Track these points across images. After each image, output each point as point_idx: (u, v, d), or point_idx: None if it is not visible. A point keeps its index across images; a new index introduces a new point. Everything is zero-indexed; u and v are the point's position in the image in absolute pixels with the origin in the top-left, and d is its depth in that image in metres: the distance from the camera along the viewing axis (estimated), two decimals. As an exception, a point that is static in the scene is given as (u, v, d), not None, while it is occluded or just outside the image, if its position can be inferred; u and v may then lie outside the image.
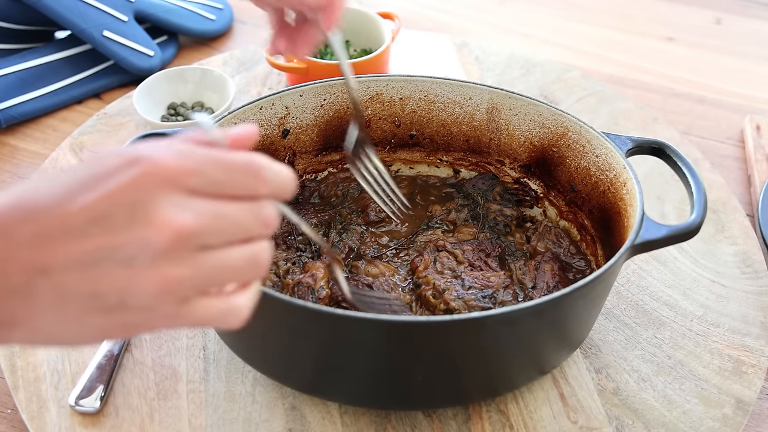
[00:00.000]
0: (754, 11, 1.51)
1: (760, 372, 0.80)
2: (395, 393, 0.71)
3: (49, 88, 1.14)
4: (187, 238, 0.44)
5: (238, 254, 0.46)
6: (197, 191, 0.45)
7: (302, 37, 0.73)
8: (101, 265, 0.43)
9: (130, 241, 0.43)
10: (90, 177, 0.44)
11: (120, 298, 0.44)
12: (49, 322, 0.44)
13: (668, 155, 0.80)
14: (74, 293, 0.43)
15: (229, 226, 0.46)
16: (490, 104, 0.90)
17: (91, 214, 0.43)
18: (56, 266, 0.43)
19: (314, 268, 0.78)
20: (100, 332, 0.45)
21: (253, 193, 0.47)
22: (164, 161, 0.44)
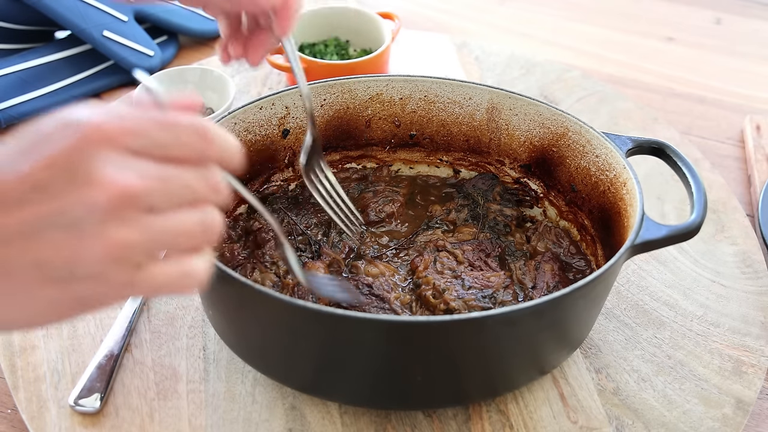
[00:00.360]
0: (754, 11, 1.51)
1: (760, 372, 0.80)
2: (395, 393, 0.71)
3: (49, 88, 1.14)
4: (132, 198, 0.42)
5: (189, 218, 0.45)
6: (140, 152, 0.43)
7: (255, 42, 0.71)
8: (44, 233, 0.41)
9: (73, 204, 0.41)
10: (27, 145, 0.42)
11: (68, 267, 0.42)
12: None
13: (668, 155, 0.80)
14: (19, 264, 0.42)
15: (177, 188, 0.44)
16: (490, 104, 0.90)
17: (30, 181, 0.41)
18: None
19: (314, 268, 0.78)
20: (53, 309, 0.43)
21: (200, 156, 0.46)
22: (103, 123, 0.42)
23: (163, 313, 0.82)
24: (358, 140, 0.94)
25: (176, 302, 0.83)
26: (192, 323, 0.81)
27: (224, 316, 0.72)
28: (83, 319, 0.81)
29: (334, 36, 1.23)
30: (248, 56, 0.70)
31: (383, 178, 0.95)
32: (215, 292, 0.71)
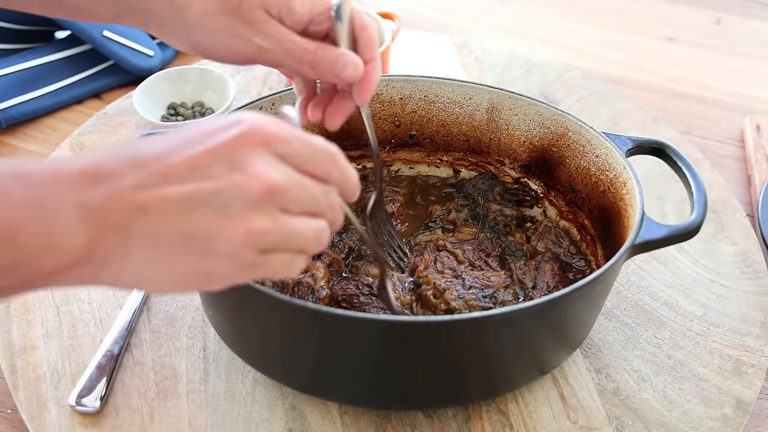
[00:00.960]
0: (754, 11, 1.51)
1: (760, 372, 0.80)
2: (395, 393, 0.71)
3: (49, 88, 1.14)
4: (275, 194, 0.49)
5: (309, 225, 0.52)
6: (285, 158, 0.51)
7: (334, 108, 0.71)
8: (197, 210, 0.48)
9: (228, 188, 0.48)
10: (196, 134, 0.50)
11: (210, 242, 0.48)
12: (139, 261, 0.48)
13: (668, 155, 0.80)
14: (168, 233, 0.48)
15: (307, 196, 0.52)
16: (490, 104, 0.90)
17: (193, 163, 0.48)
18: (154, 207, 0.47)
19: (314, 268, 0.78)
20: (185, 278, 0.49)
21: (327, 175, 0.53)
22: (263, 125, 0.50)
23: (163, 313, 0.82)
24: (358, 140, 0.94)
25: (176, 302, 0.83)
26: (192, 323, 0.81)
27: (224, 316, 0.72)
28: (83, 319, 0.81)
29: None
30: (327, 122, 0.71)
31: (383, 178, 0.95)
32: (215, 292, 0.71)
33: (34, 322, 0.81)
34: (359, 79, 0.67)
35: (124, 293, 0.84)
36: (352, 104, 0.70)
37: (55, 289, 0.84)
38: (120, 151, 0.49)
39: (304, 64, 0.66)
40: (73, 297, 0.84)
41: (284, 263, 0.53)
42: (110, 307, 0.83)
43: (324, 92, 0.72)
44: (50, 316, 0.81)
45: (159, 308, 0.83)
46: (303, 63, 0.66)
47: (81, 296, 0.84)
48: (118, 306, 0.83)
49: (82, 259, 0.47)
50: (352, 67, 0.65)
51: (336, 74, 0.66)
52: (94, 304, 0.83)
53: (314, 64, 0.66)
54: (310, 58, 0.66)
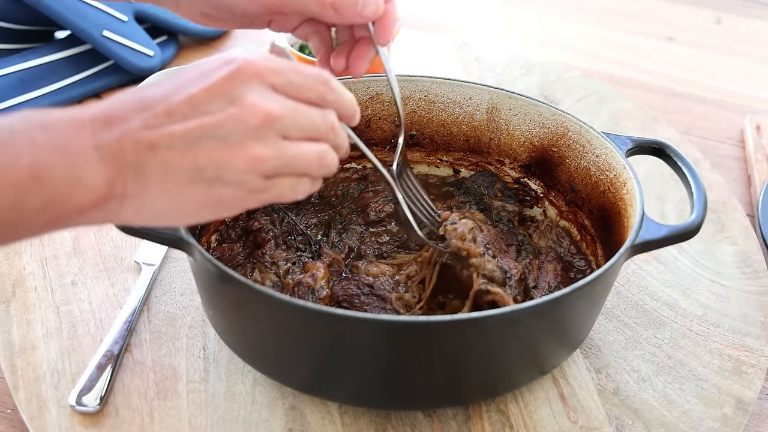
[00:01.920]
0: (755, 11, 1.51)
1: (760, 372, 0.80)
2: (395, 393, 0.71)
3: (49, 88, 1.14)
4: (272, 122, 0.52)
5: (311, 149, 0.55)
6: (278, 88, 0.54)
7: (357, 54, 0.74)
8: (201, 143, 0.51)
9: (227, 120, 0.51)
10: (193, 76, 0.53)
11: (216, 171, 0.52)
12: (154, 194, 0.52)
13: (668, 155, 0.80)
14: (177, 167, 0.51)
15: (304, 121, 0.55)
16: (490, 104, 0.90)
17: (194, 101, 0.52)
18: (162, 143, 0.51)
19: (314, 268, 0.78)
20: (198, 206, 0.53)
21: (322, 99, 0.56)
22: (254, 60, 0.53)
23: (163, 313, 0.82)
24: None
25: (176, 302, 0.83)
26: (192, 323, 0.81)
27: (224, 316, 0.72)
28: (83, 319, 0.81)
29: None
30: (352, 67, 0.74)
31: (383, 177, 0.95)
32: (215, 292, 0.71)
33: (34, 322, 0.81)
34: (380, 17, 0.70)
35: (124, 293, 0.84)
36: (372, 49, 0.74)
37: (54, 290, 0.84)
38: (126, 97, 0.52)
39: (327, 7, 0.69)
40: (73, 297, 0.84)
41: (289, 186, 0.55)
42: (110, 307, 0.83)
43: (343, 44, 0.75)
44: (50, 316, 0.81)
45: (159, 308, 0.83)
46: (325, 6, 0.69)
47: (81, 296, 0.84)
48: (118, 306, 0.83)
49: (104, 195, 0.51)
50: (373, 5, 0.69)
51: (358, 13, 0.69)
52: (94, 304, 0.83)
53: (336, 5, 0.69)
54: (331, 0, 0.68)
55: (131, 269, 0.87)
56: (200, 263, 0.67)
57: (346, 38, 0.76)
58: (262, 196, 0.55)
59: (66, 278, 0.86)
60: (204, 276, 0.70)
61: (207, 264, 0.65)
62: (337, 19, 0.70)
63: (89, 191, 0.50)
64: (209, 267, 0.65)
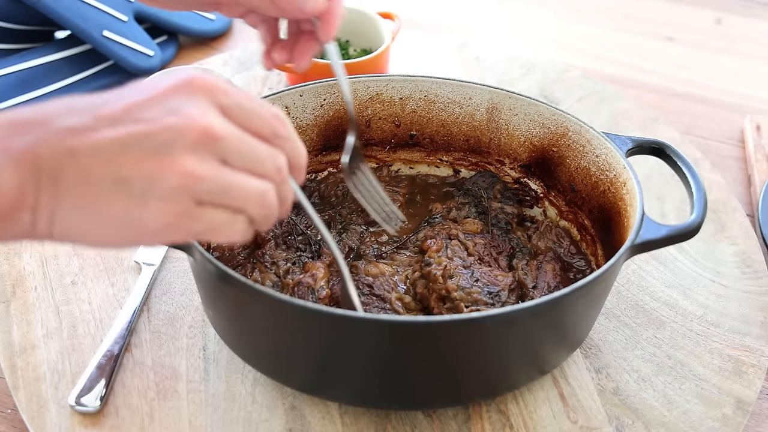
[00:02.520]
0: (755, 11, 1.51)
1: (760, 372, 0.80)
2: (395, 393, 0.71)
3: (49, 88, 1.14)
4: (212, 140, 0.48)
5: (252, 184, 0.50)
6: (226, 110, 0.50)
7: (300, 48, 0.72)
8: (129, 152, 0.46)
9: (161, 130, 0.46)
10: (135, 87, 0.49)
11: (143, 185, 0.46)
12: (70, 206, 0.47)
13: (668, 155, 0.80)
14: (98, 176, 0.46)
15: (249, 152, 0.50)
16: (490, 104, 0.90)
17: (127, 108, 0.47)
18: (83, 150, 0.46)
19: (314, 268, 0.78)
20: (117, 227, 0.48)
21: (274, 134, 0.52)
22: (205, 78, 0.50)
23: (163, 313, 0.82)
24: (358, 140, 0.94)
25: (176, 302, 0.83)
26: (192, 323, 0.81)
27: (224, 316, 0.72)
28: (83, 319, 0.81)
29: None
30: (295, 61, 0.72)
31: (383, 178, 0.95)
32: (215, 292, 0.71)
33: (34, 322, 0.81)
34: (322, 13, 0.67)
35: (124, 293, 0.84)
36: (317, 43, 0.71)
37: (54, 290, 0.84)
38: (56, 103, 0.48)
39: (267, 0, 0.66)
40: (73, 297, 0.84)
41: (222, 221, 0.50)
42: (110, 307, 0.83)
43: (290, 36, 0.73)
44: (50, 316, 0.81)
45: (159, 308, 0.83)
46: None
47: (81, 296, 0.84)
48: (118, 306, 0.83)
49: (14, 203, 0.46)
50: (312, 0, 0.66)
51: (298, 8, 0.66)
52: (94, 304, 0.83)
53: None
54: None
55: (131, 269, 0.87)
56: (200, 263, 0.67)
57: (293, 31, 0.73)
58: (191, 225, 0.49)
59: (66, 278, 0.86)
60: (204, 276, 0.70)
61: (207, 264, 0.65)
62: (277, 13, 0.68)
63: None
64: (209, 267, 0.65)
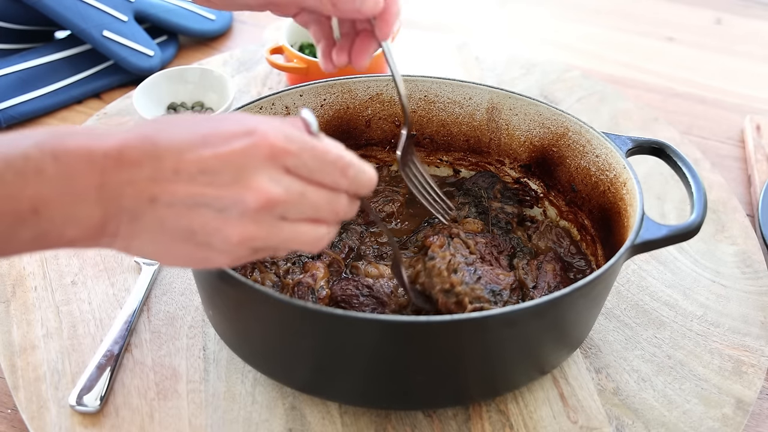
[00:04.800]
0: (754, 11, 1.51)
1: (760, 372, 0.80)
2: (395, 393, 0.71)
3: (49, 88, 1.14)
4: (273, 207, 0.53)
5: (307, 231, 0.55)
6: (291, 171, 0.54)
7: (359, 48, 0.73)
8: (200, 209, 0.52)
9: (229, 196, 0.52)
10: (210, 134, 0.52)
11: (207, 239, 0.52)
12: (144, 241, 0.53)
13: (668, 155, 0.80)
14: (172, 224, 0.52)
15: (308, 206, 0.55)
16: (490, 104, 0.90)
17: (203, 166, 0.51)
18: (163, 199, 0.51)
19: (314, 268, 0.78)
20: (182, 259, 0.55)
21: (335, 184, 0.56)
22: (274, 139, 0.53)
23: (163, 313, 0.82)
24: (358, 140, 0.94)
25: (176, 302, 0.83)
26: (192, 323, 0.81)
27: (224, 316, 0.72)
28: (83, 319, 0.81)
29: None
30: (354, 62, 0.73)
31: (383, 178, 0.95)
32: (215, 292, 0.71)
33: (34, 322, 0.81)
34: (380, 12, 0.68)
35: (124, 293, 0.84)
36: (375, 42, 0.72)
37: (54, 290, 0.84)
38: (144, 137, 0.52)
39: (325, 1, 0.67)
40: (73, 297, 0.84)
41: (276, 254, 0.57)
42: (110, 307, 0.83)
43: (345, 36, 0.74)
44: (50, 316, 0.81)
45: (159, 308, 0.83)
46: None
47: (81, 296, 0.84)
48: (118, 306, 0.83)
49: (96, 232, 0.52)
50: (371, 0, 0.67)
51: (356, 8, 0.68)
52: (94, 304, 0.83)
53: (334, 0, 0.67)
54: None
55: (131, 269, 0.87)
56: (200, 263, 0.67)
57: (348, 30, 0.74)
58: (249, 260, 0.56)
59: (66, 278, 0.86)
60: (204, 276, 0.70)
61: (207, 264, 0.65)
62: (336, 13, 0.69)
63: (82, 228, 0.51)
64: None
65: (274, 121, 0.55)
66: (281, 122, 0.55)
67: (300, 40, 1.21)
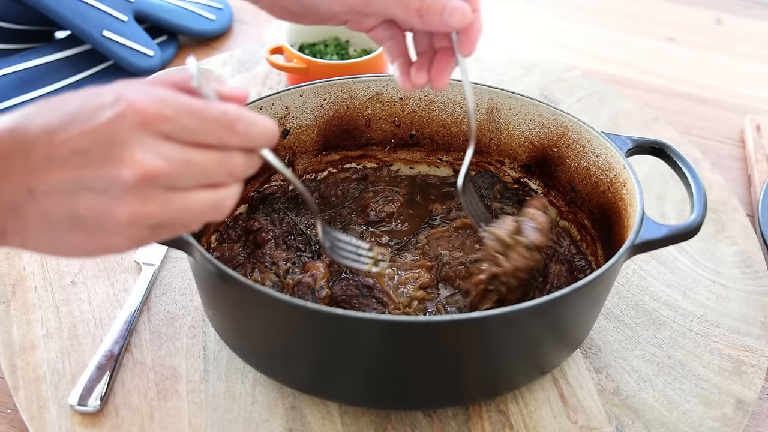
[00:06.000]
0: (754, 11, 1.51)
1: (760, 372, 0.80)
2: (395, 393, 0.71)
3: (49, 88, 1.14)
4: (154, 179, 0.48)
5: (203, 197, 0.51)
6: (170, 137, 0.49)
7: (438, 65, 0.71)
8: (79, 193, 0.49)
9: (104, 175, 0.48)
10: (78, 111, 0.49)
11: (97, 223, 0.49)
12: (35, 235, 0.51)
13: (668, 155, 0.80)
14: (56, 214, 0.49)
15: (196, 172, 0.50)
16: (490, 104, 0.90)
17: (73, 146, 0.48)
18: (40, 188, 0.49)
19: (314, 268, 0.78)
20: (80, 249, 0.52)
21: (223, 144, 0.51)
22: (143, 105, 0.48)
23: (163, 313, 0.82)
24: (358, 140, 0.94)
25: (176, 302, 0.83)
26: (192, 323, 0.81)
27: (224, 316, 0.72)
28: (83, 319, 0.81)
29: (334, 36, 1.23)
30: (434, 81, 0.71)
31: (383, 178, 0.95)
32: (215, 292, 0.71)
33: (34, 322, 0.81)
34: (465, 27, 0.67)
35: (124, 293, 0.84)
36: (454, 60, 0.70)
37: (54, 290, 0.84)
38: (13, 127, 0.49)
39: (412, 12, 0.66)
40: (73, 297, 0.84)
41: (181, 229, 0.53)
42: (110, 307, 0.83)
43: (422, 55, 0.72)
44: (50, 316, 0.81)
45: (159, 308, 0.83)
46: (411, 10, 0.66)
47: (81, 296, 0.84)
48: (118, 306, 0.83)
49: None
50: (460, 14, 0.65)
51: (444, 22, 0.66)
52: (94, 304, 0.83)
53: (422, 11, 0.65)
54: (417, 6, 0.65)
55: (131, 269, 0.87)
56: (200, 263, 0.67)
57: (425, 48, 0.72)
58: (152, 240, 0.52)
59: (66, 278, 0.86)
60: (204, 276, 0.70)
61: (207, 264, 0.65)
62: (421, 26, 0.67)
63: None
64: (209, 267, 0.65)
65: (147, 87, 0.51)
66: (155, 86, 0.51)
67: (300, 41, 1.21)
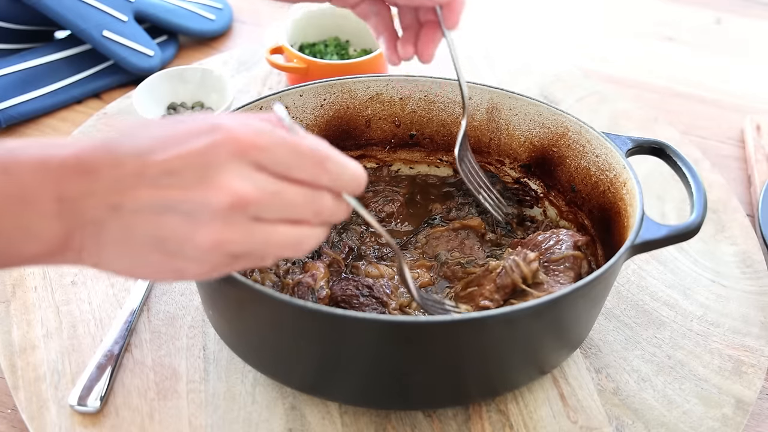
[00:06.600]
0: (754, 11, 1.51)
1: (760, 372, 0.80)
2: (395, 393, 0.71)
3: (49, 88, 1.14)
4: (243, 206, 0.48)
5: (287, 232, 0.51)
6: (263, 167, 0.50)
7: (425, 39, 0.72)
8: (166, 214, 0.48)
9: (195, 199, 0.48)
10: (173, 134, 0.49)
11: (178, 247, 0.49)
12: (113, 254, 0.50)
13: (668, 155, 0.80)
14: (139, 233, 0.49)
15: (284, 204, 0.50)
16: (490, 104, 0.90)
17: (166, 167, 0.48)
18: (127, 206, 0.48)
19: (314, 268, 0.78)
20: (155, 271, 0.51)
21: (314, 181, 0.52)
22: (240, 134, 0.49)
23: (163, 313, 0.82)
24: (358, 140, 0.94)
25: (176, 302, 0.83)
26: (192, 323, 0.81)
27: (224, 316, 0.72)
28: (83, 319, 0.81)
29: (334, 36, 1.23)
30: (421, 54, 0.72)
31: (383, 178, 0.95)
32: (215, 292, 0.71)
33: (34, 322, 0.81)
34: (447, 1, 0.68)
35: (124, 293, 0.84)
36: (440, 33, 0.71)
37: (54, 290, 0.84)
38: (103, 145, 0.49)
39: None
40: (73, 297, 0.84)
41: (257, 262, 0.53)
42: (110, 307, 0.83)
43: (408, 29, 0.73)
44: (50, 316, 0.81)
45: (159, 308, 0.83)
46: None
47: (81, 296, 0.84)
48: (118, 306, 0.83)
49: (59, 247, 0.49)
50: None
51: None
52: (94, 304, 0.83)
53: None
54: None
55: (131, 269, 0.87)
56: (200, 263, 0.67)
57: (410, 22, 0.73)
58: (228, 270, 0.52)
59: (66, 278, 0.86)
60: (204, 276, 0.70)
61: (207, 264, 0.65)
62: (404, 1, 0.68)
63: (42, 244, 0.49)
64: (209, 267, 0.65)
65: (243, 117, 0.51)
66: (252, 118, 0.52)
67: (300, 40, 1.21)
